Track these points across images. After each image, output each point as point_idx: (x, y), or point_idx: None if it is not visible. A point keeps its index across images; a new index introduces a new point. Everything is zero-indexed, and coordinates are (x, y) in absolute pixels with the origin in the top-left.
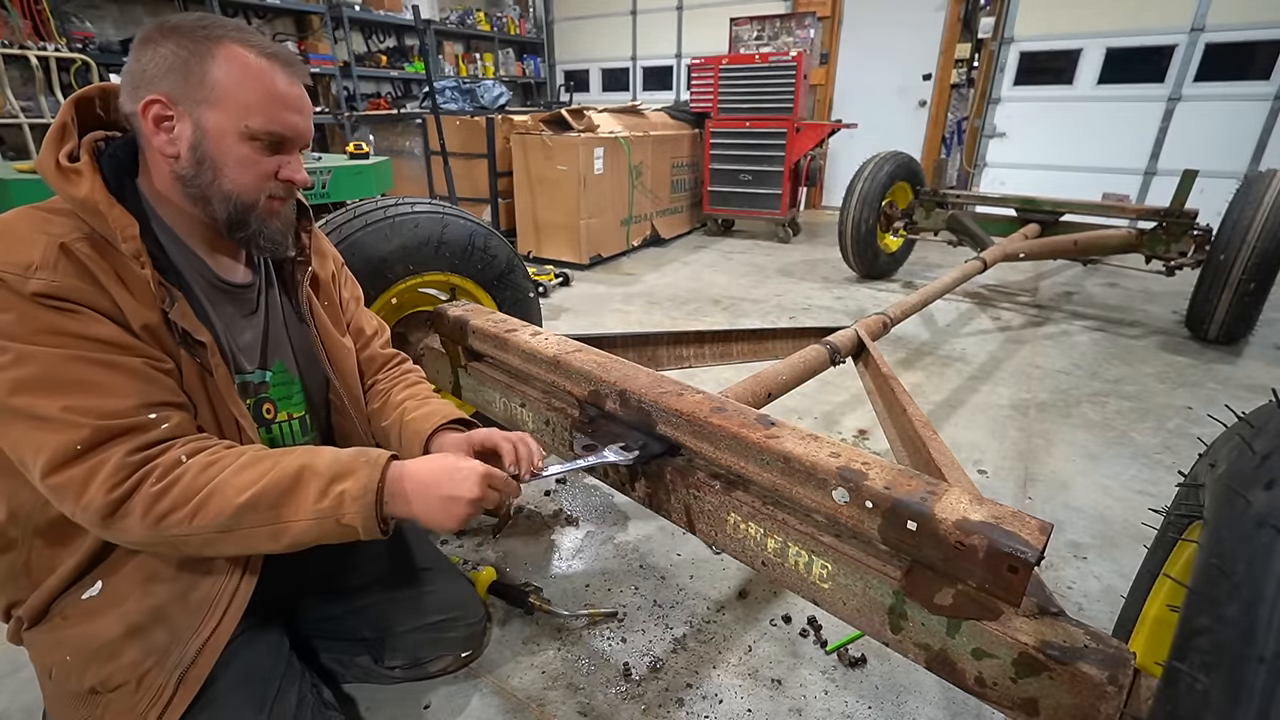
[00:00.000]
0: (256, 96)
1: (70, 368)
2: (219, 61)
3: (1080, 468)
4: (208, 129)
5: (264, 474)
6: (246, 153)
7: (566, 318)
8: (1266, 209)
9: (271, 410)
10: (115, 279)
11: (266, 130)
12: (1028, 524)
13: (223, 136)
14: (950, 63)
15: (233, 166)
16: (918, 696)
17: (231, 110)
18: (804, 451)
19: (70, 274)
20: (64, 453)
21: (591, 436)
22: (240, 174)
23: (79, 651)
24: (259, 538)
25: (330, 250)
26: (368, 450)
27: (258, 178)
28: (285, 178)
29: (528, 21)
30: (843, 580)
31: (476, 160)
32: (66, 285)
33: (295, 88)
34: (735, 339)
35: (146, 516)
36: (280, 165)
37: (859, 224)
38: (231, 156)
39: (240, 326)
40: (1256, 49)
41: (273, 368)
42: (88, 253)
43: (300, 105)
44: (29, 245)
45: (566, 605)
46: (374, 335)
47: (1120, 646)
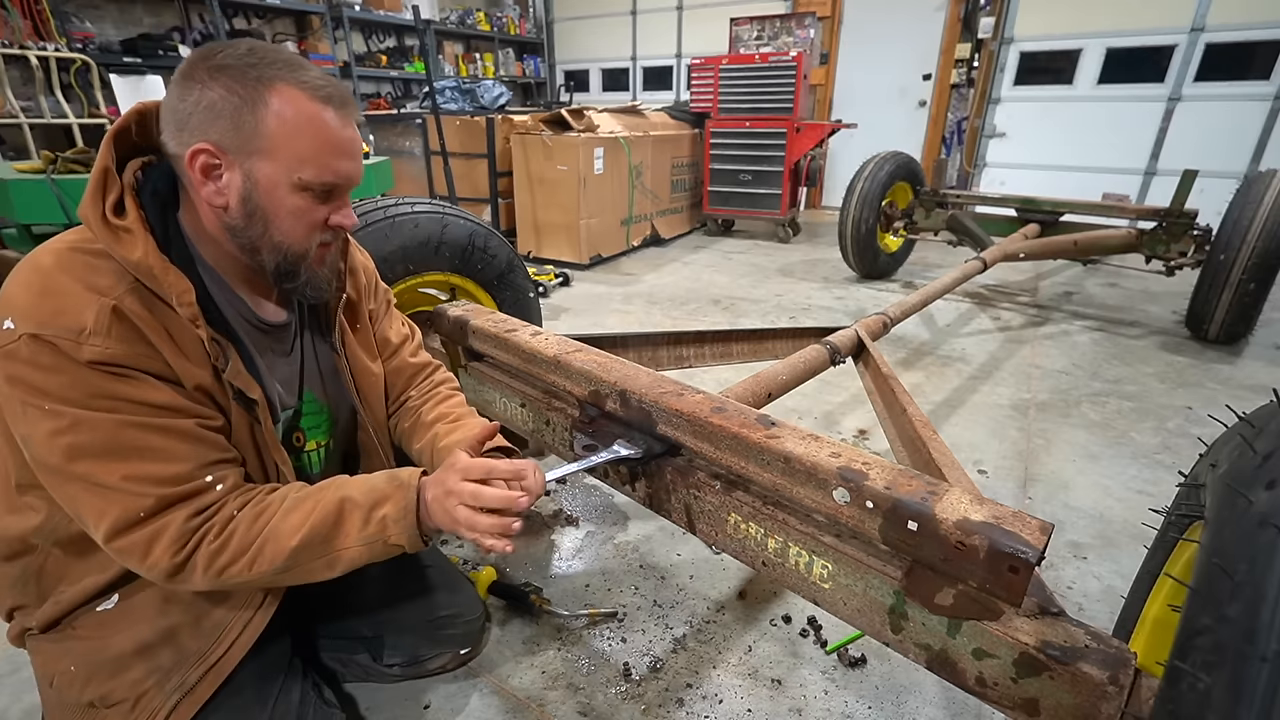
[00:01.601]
0: (311, 147)
1: (127, 434)
2: (272, 109)
3: (1080, 468)
4: (259, 180)
5: (309, 514)
6: (299, 203)
7: (566, 318)
8: (1266, 209)
9: (301, 439)
10: (166, 338)
11: (320, 181)
12: (1028, 524)
13: (275, 188)
14: (950, 63)
15: (284, 218)
16: (918, 696)
17: (284, 161)
18: (805, 452)
19: (124, 339)
20: (127, 520)
21: (592, 436)
22: (292, 225)
23: (84, 664)
24: (315, 570)
25: (361, 261)
26: (397, 473)
27: (309, 227)
28: (335, 224)
29: (528, 21)
30: (843, 580)
31: (476, 160)
32: (121, 352)
33: (349, 130)
34: (735, 339)
35: (208, 571)
36: (331, 212)
37: (859, 224)
38: (283, 208)
39: (278, 364)
40: (1256, 49)
41: (304, 398)
42: (139, 311)
43: (354, 149)
44: (79, 306)
45: (566, 605)
46: (403, 343)
47: (1121, 647)
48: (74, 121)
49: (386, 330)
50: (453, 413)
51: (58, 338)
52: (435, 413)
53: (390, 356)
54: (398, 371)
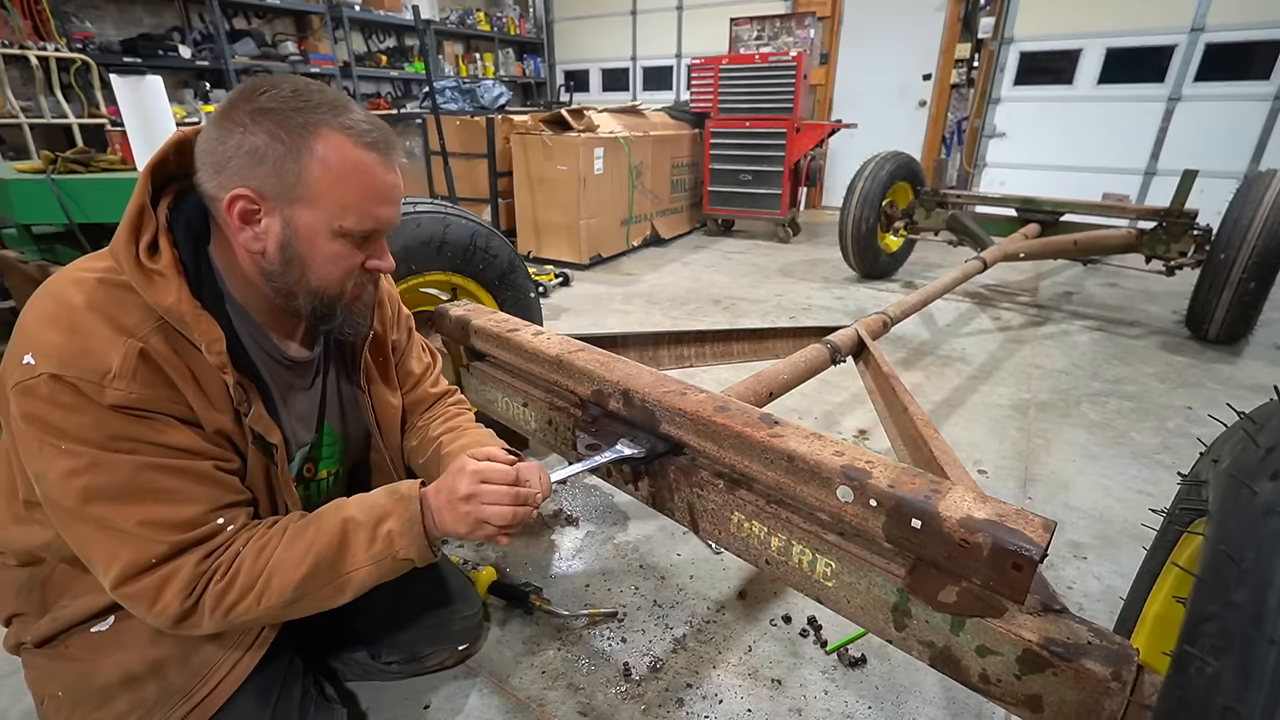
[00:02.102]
0: (354, 196)
1: (144, 477)
2: (317, 157)
3: (1080, 468)
4: (298, 228)
5: (313, 541)
6: (337, 250)
7: (567, 318)
8: (1266, 209)
9: (312, 469)
10: (191, 380)
11: (361, 229)
12: (1031, 522)
13: (315, 236)
14: (950, 63)
15: (322, 264)
16: (918, 696)
17: (326, 210)
18: (808, 450)
19: (148, 383)
20: (139, 565)
21: (595, 436)
22: (329, 270)
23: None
24: (325, 597)
25: (387, 290)
26: (395, 487)
27: (345, 272)
28: (373, 267)
29: (528, 21)
30: (847, 578)
31: (476, 160)
32: (143, 395)
33: (391, 175)
34: (736, 339)
35: (215, 612)
36: (368, 256)
37: (859, 224)
38: (322, 254)
39: (298, 400)
40: (1256, 49)
41: (323, 430)
42: (164, 353)
43: (395, 195)
44: (105, 347)
45: (566, 605)
46: (424, 373)
47: (1124, 643)
48: (74, 121)
49: (410, 362)
50: (458, 425)
51: (80, 379)
52: (441, 428)
53: (412, 388)
54: (418, 402)
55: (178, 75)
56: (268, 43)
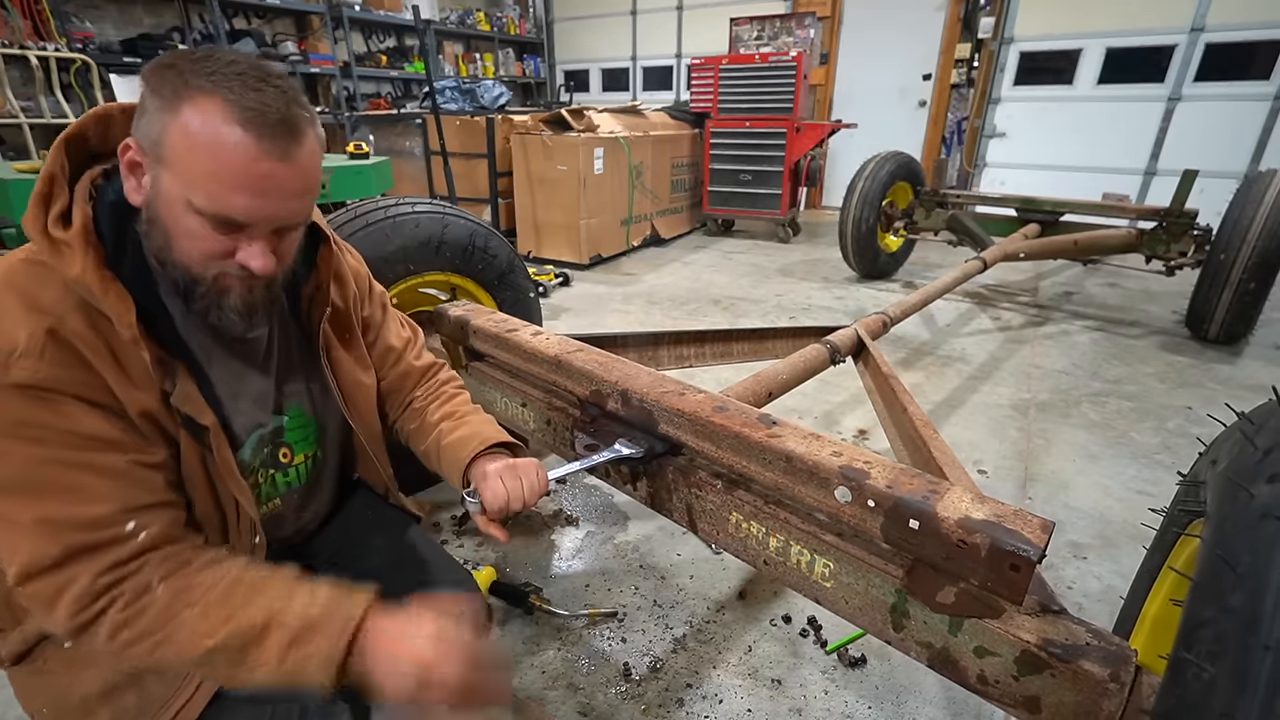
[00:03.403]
0: (204, 173)
1: (46, 470)
2: (179, 119)
3: (1080, 467)
4: (160, 190)
5: (229, 618)
6: (191, 226)
7: (566, 318)
8: (1266, 209)
9: (289, 454)
10: (110, 360)
11: (212, 213)
12: (1029, 522)
13: (172, 204)
14: (950, 63)
15: (180, 236)
16: (918, 696)
17: (180, 179)
18: (806, 450)
19: (57, 362)
20: (35, 565)
21: (593, 436)
22: (186, 245)
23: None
24: (222, 675)
25: (351, 268)
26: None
27: (204, 256)
28: (240, 260)
29: (528, 21)
30: (845, 579)
31: (476, 160)
32: (51, 375)
33: (266, 162)
34: (735, 339)
35: (112, 641)
36: (238, 246)
37: (859, 224)
38: (178, 226)
39: (250, 378)
40: (1256, 49)
41: (288, 412)
42: (81, 332)
43: (265, 186)
44: (13, 324)
45: (566, 605)
46: (405, 348)
47: (1122, 644)
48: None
49: (388, 336)
50: (457, 411)
51: None
52: (440, 412)
53: (395, 363)
54: (403, 376)
55: None
56: (268, 43)
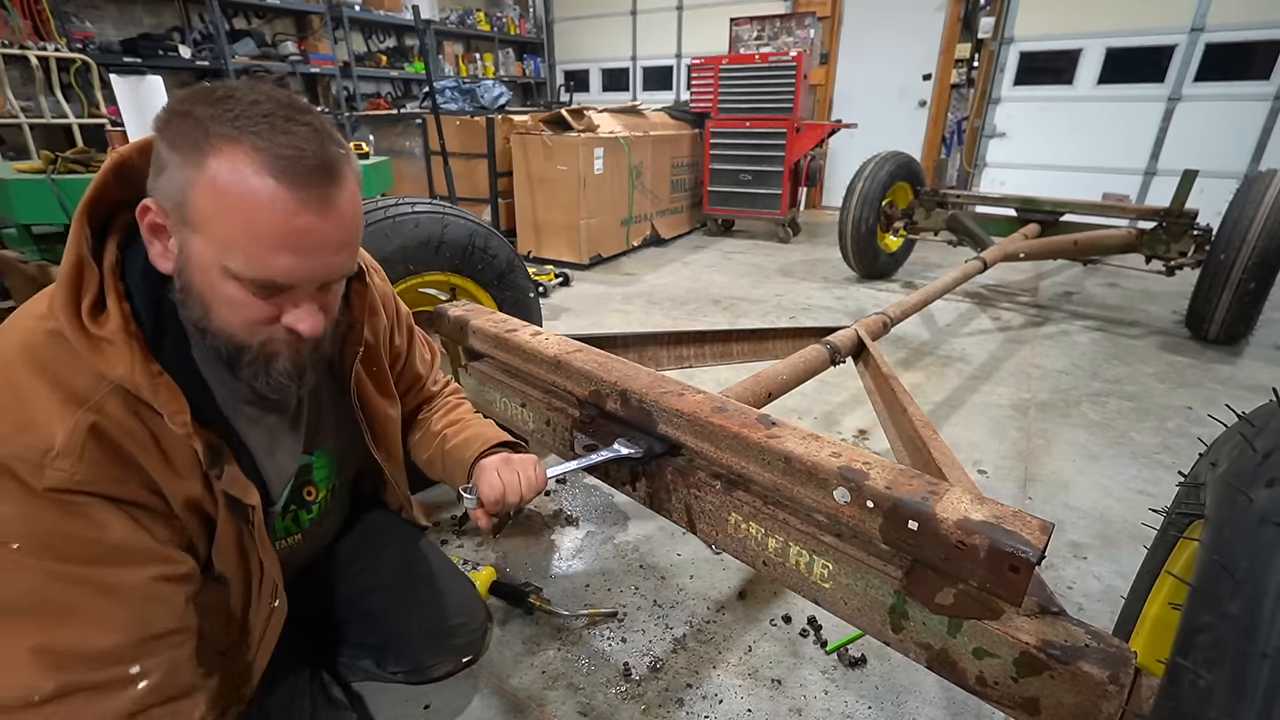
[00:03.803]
0: (241, 234)
1: (62, 590)
2: (205, 175)
3: (1080, 467)
4: (190, 256)
5: None
6: (232, 294)
7: (566, 318)
8: (1266, 209)
9: (313, 492)
10: (153, 448)
11: (252, 277)
12: (1029, 523)
13: (207, 270)
14: (950, 63)
15: (219, 305)
16: (918, 696)
17: (213, 243)
18: (805, 451)
19: (98, 462)
20: (23, 699)
21: (592, 436)
22: (228, 315)
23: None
24: None
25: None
26: None
27: (248, 324)
28: (288, 325)
29: (528, 21)
30: (844, 580)
31: (476, 160)
32: (90, 477)
33: (304, 216)
34: (735, 339)
35: None
36: (282, 310)
37: (859, 224)
38: (217, 294)
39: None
40: (1256, 49)
41: (315, 453)
42: (122, 420)
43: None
44: (49, 420)
45: (566, 605)
46: (427, 375)
47: (1121, 646)
48: (74, 121)
49: (414, 364)
50: (460, 419)
51: (16, 459)
52: (443, 421)
53: (418, 391)
54: (421, 402)
55: (178, 75)
56: (268, 43)
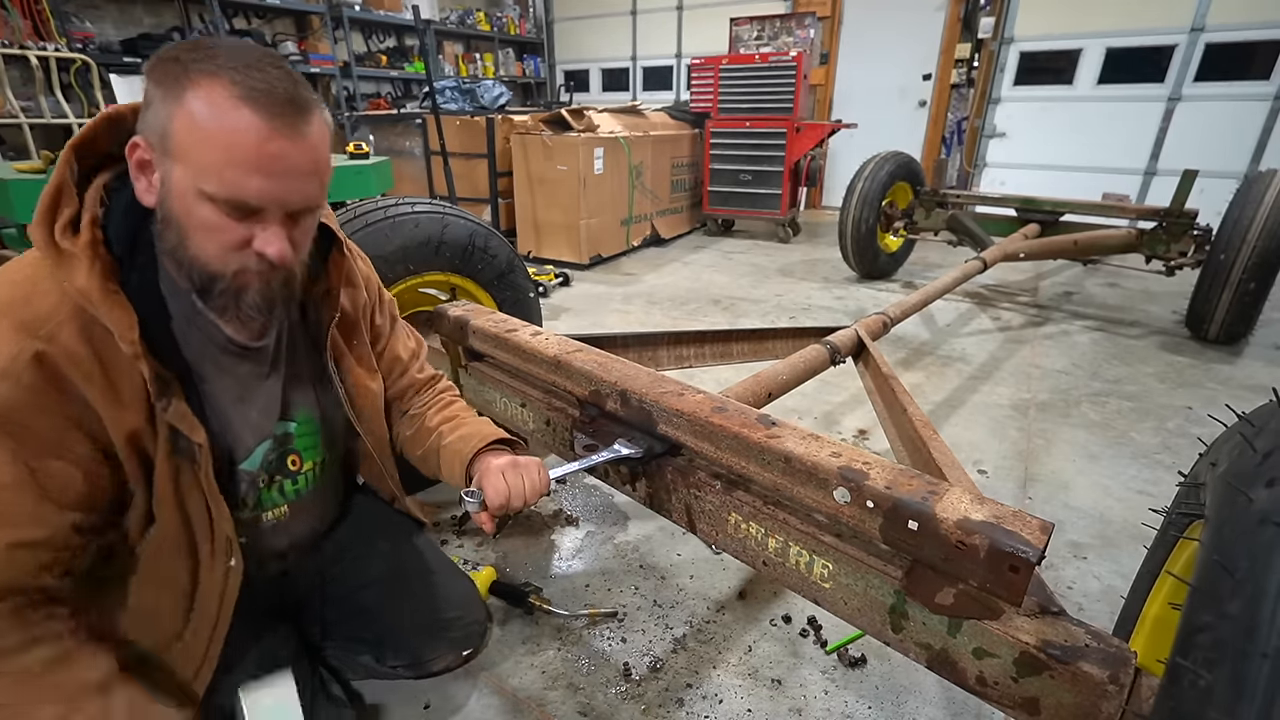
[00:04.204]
0: (215, 155)
1: None
2: (183, 106)
3: (1080, 467)
4: (171, 185)
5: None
6: (207, 217)
7: (566, 318)
8: (1266, 209)
9: (297, 461)
10: (99, 376)
11: (225, 197)
12: (1029, 523)
13: (184, 195)
14: (950, 63)
15: (195, 230)
16: (918, 696)
17: (190, 168)
18: (805, 451)
19: (33, 388)
20: None
21: (592, 436)
22: (202, 240)
23: None
24: None
25: (363, 274)
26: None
27: (222, 248)
28: (257, 249)
29: (528, 21)
30: (844, 580)
31: (476, 160)
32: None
33: (276, 141)
34: (735, 339)
35: None
36: (253, 234)
37: (859, 224)
38: (193, 219)
39: (255, 388)
40: (1256, 49)
41: (296, 418)
42: (73, 348)
43: (277, 166)
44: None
45: (566, 605)
46: (411, 360)
47: (1121, 646)
48: (74, 121)
49: (396, 348)
50: (456, 415)
51: None
52: (439, 417)
53: (400, 375)
54: (406, 388)
55: None
56: (268, 43)
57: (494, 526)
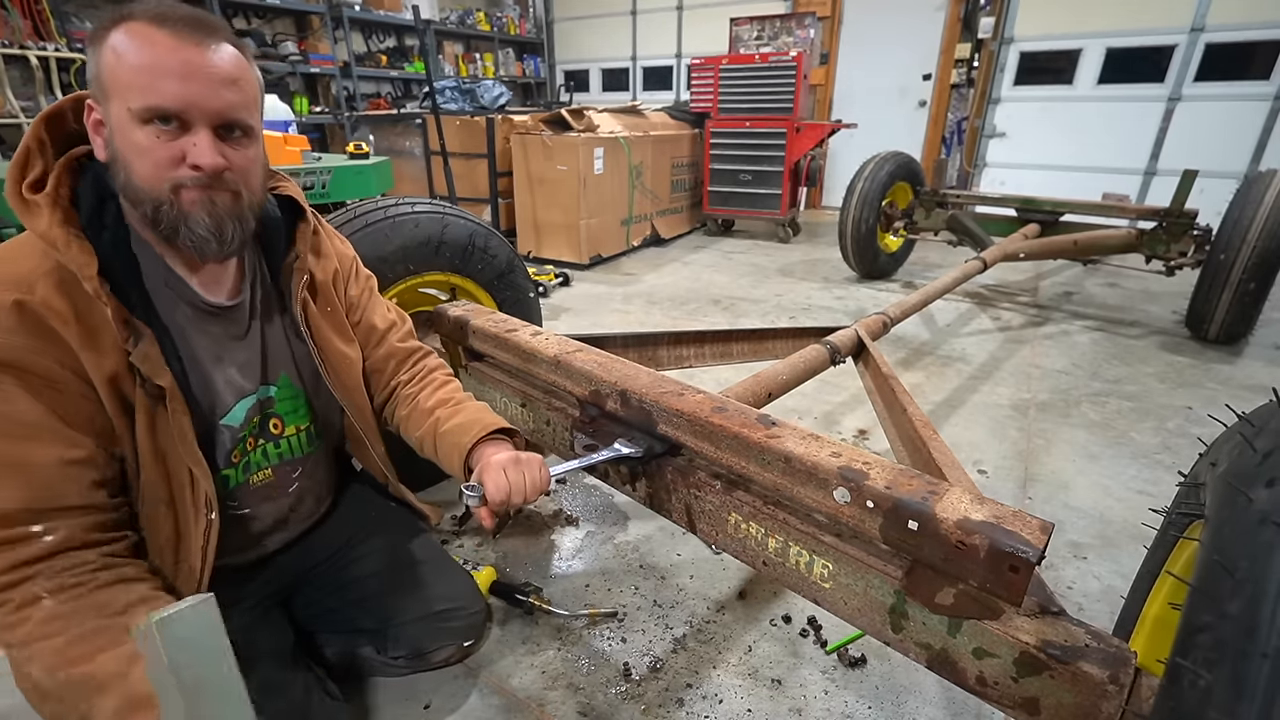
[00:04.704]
0: (135, 72)
1: None
2: (108, 46)
3: (1080, 467)
4: (112, 124)
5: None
6: (140, 139)
7: (566, 318)
8: (1266, 209)
9: (279, 425)
10: (75, 324)
11: (145, 105)
12: (1029, 523)
13: (122, 127)
14: (950, 63)
15: (134, 157)
16: (918, 696)
17: (119, 95)
18: (805, 451)
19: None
20: None
21: (592, 436)
22: (141, 164)
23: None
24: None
25: (335, 250)
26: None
27: (155, 166)
28: (191, 163)
29: (528, 21)
30: (844, 580)
31: (476, 160)
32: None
33: (185, 50)
34: (735, 339)
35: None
36: (185, 152)
37: (859, 224)
38: (131, 146)
39: (232, 348)
40: (1256, 49)
41: (277, 382)
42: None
43: (189, 70)
44: None
45: (566, 605)
46: (389, 329)
47: (1121, 646)
48: None
49: (372, 316)
50: (452, 398)
51: None
52: (434, 399)
53: (378, 343)
54: (387, 357)
55: None
56: (268, 43)
57: (494, 523)
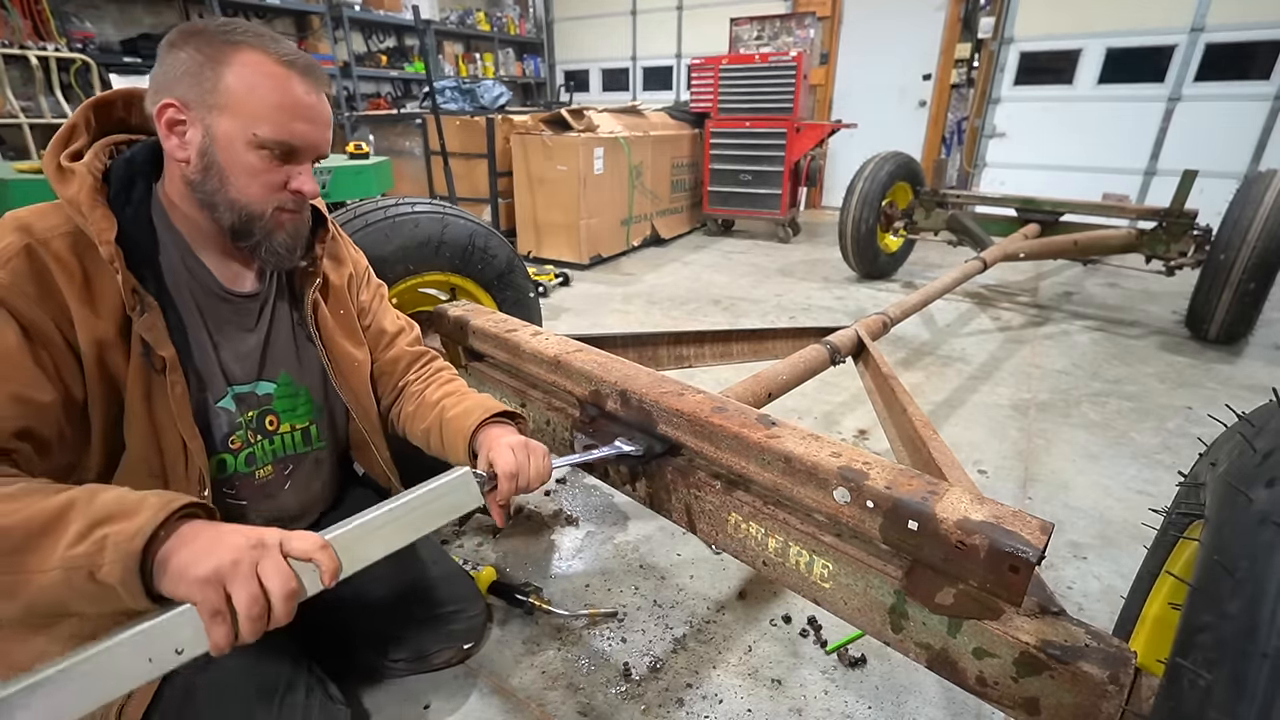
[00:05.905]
0: (267, 105)
1: None
2: (233, 67)
3: (1080, 467)
4: (217, 135)
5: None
6: (254, 161)
7: (566, 318)
8: (1266, 209)
9: (275, 422)
10: (78, 281)
11: (276, 139)
12: (1028, 524)
13: (231, 143)
14: (950, 63)
15: (240, 175)
16: (918, 696)
17: (242, 118)
18: (805, 451)
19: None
20: None
21: (592, 436)
22: (248, 183)
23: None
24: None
25: (350, 255)
26: (169, 495)
27: (265, 188)
28: (294, 189)
29: (528, 21)
30: (844, 580)
31: (476, 160)
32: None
33: (311, 96)
34: (735, 339)
35: None
36: (290, 176)
37: (859, 224)
38: (239, 164)
39: (239, 337)
40: (1256, 49)
41: (276, 379)
42: (61, 254)
43: (314, 115)
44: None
45: (566, 605)
46: (398, 334)
47: (1121, 646)
48: None
49: (382, 321)
50: (457, 391)
51: None
52: (440, 392)
53: (387, 347)
54: (395, 360)
55: None
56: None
57: (504, 516)
